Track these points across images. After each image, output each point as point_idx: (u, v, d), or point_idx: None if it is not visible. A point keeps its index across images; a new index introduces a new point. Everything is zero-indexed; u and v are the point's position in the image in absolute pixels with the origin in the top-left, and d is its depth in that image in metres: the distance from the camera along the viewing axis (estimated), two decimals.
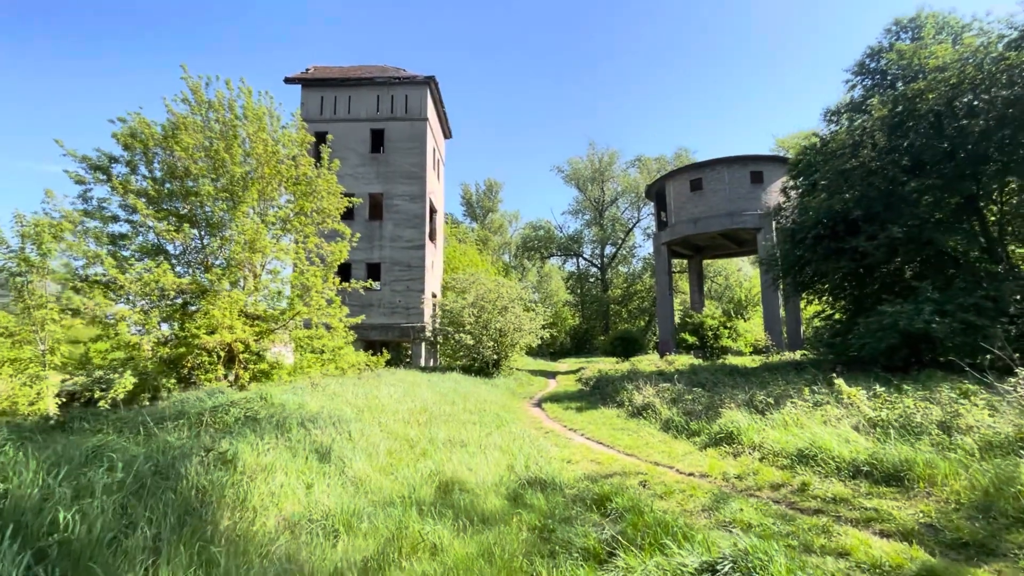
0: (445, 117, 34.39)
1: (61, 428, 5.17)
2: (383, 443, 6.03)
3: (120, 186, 14.24)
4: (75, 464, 3.49)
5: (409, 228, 28.31)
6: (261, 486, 3.81)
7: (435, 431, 7.12)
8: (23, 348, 9.57)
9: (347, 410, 7.54)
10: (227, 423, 5.40)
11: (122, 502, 3.17)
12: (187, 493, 3.45)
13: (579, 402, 13.32)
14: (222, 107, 15.61)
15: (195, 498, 3.45)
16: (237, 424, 5.36)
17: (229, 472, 3.87)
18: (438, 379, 14.88)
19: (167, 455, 3.91)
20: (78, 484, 3.18)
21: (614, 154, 60.89)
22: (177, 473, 3.60)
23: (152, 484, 3.43)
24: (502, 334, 21.11)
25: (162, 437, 4.39)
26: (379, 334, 27.70)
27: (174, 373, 13.98)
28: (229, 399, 6.43)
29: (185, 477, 3.59)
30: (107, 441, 4.08)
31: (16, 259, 9.16)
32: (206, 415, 5.53)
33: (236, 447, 4.31)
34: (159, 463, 3.73)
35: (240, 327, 14.05)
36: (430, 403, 9.71)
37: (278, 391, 7.76)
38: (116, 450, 3.84)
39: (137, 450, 3.90)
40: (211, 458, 4.00)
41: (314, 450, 5.00)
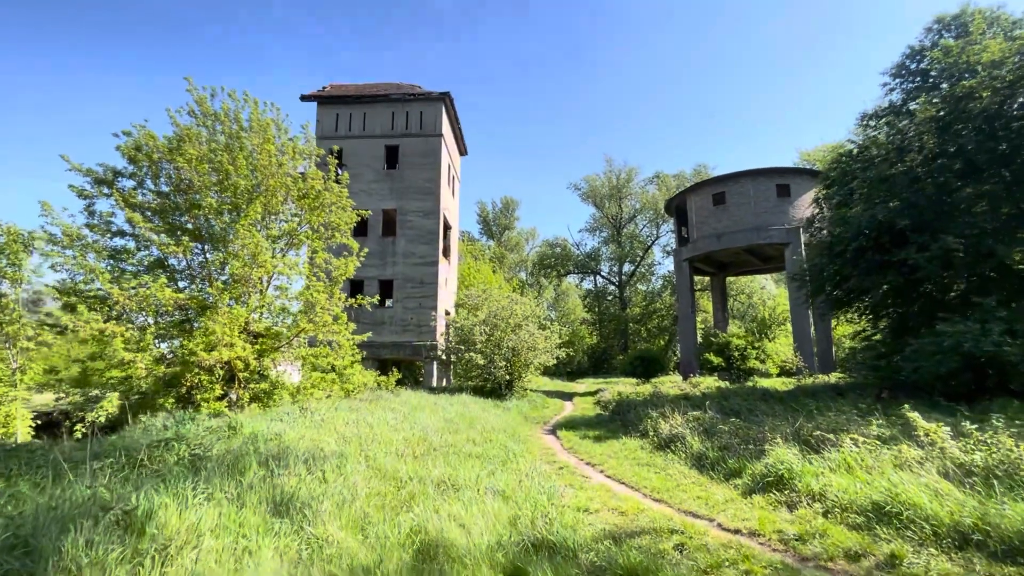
0: (460, 134, 34.06)
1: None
2: (364, 485, 5.06)
3: (121, 199, 13.87)
4: None
5: (422, 244, 27.71)
6: (176, 560, 2.89)
7: (430, 467, 6.12)
8: None
9: (331, 441, 6.60)
10: (169, 463, 4.50)
11: None
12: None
13: (597, 430, 12.16)
14: (228, 118, 15.24)
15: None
16: (180, 465, 4.46)
17: (130, 542, 2.95)
18: (446, 401, 13.89)
19: (44, 517, 3.01)
20: None
21: (632, 171, 60.09)
22: (50, 547, 2.69)
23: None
24: (515, 353, 20.06)
25: (52, 491, 3.45)
26: (391, 352, 26.91)
27: (173, 393, 13.29)
28: (175, 432, 5.54)
29: (57, 554, 2.67)
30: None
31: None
32: (143, 452, 4.64)
33: (152, 503, 3.39)
34: (18, 532, 2.82)
35: (241, 344, 13.36)
36: (431, 431, 8.72)
37: (255, 418, 6.86)
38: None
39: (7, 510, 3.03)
40: (106, 522, 3.09)
41: (271, 500, 4.07)
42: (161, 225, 14.16)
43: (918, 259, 11.54)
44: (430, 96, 29.45)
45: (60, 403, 13.12)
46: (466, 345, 20.58)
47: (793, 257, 24.77)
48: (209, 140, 14.84)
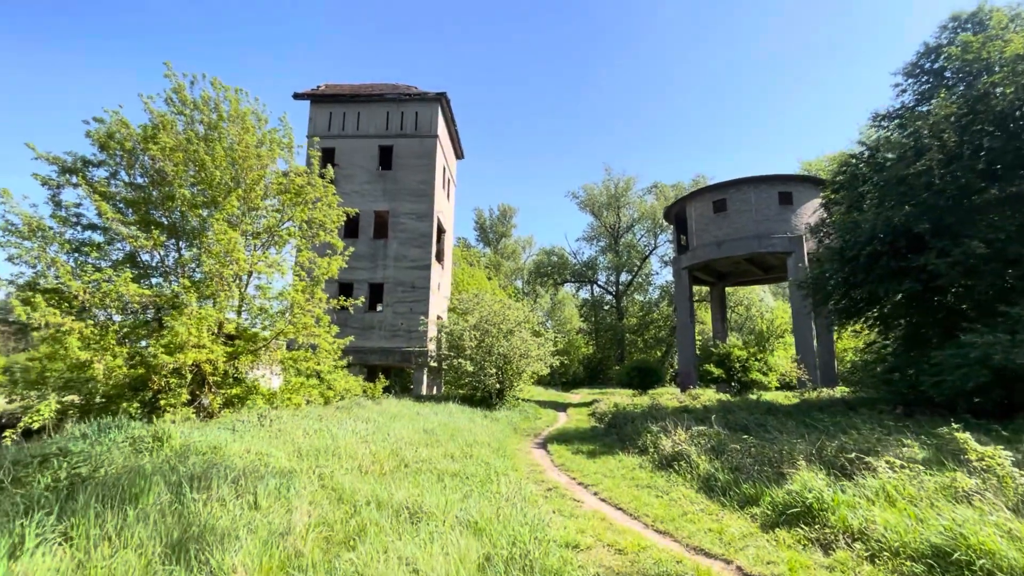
0: (457, 136, 33.34)
1: None
2: (307, 513, 4.13)
3: (89, 189, 13.02)
4: None
5: (415, 247, 26.83)
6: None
7: (394, 488, 5.19)
8: None
9: (281, 456, 5.66)
10: (39, 486, 3.57)
11: None
12: None
13: (592, 444, 11.22)
14: (207, 107, 14.41)
15: None
16: (51, 490, 3.53)
17: None
18: (430, 410, 12.93)
19: None
20: None
21: (630, 180, 59.56)
22: None
23: None
24: (506, 360, 19.12)
25: None
26: (379, 358, 25.90)
27: (138, 397, 12.31)
28: (61, 445, 4.58)
29: None
30: None
31: None
32: (5, 472, 3.71)
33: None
34: None
35: (211, 346, 12.43)
36: (405, 443, 7.78)
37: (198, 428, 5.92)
38: None
39: None
40: None
41: (169, 536, 3.15)
42: (134, 218, 13.29)
43: (939, 265, 10.74)
44: (426, 96, 28.76)
45: (12, 405, 12.15)
46: (456, 351, 19.65)
47: (799, 265, 24.03)
48: (187, 129, 14.03)
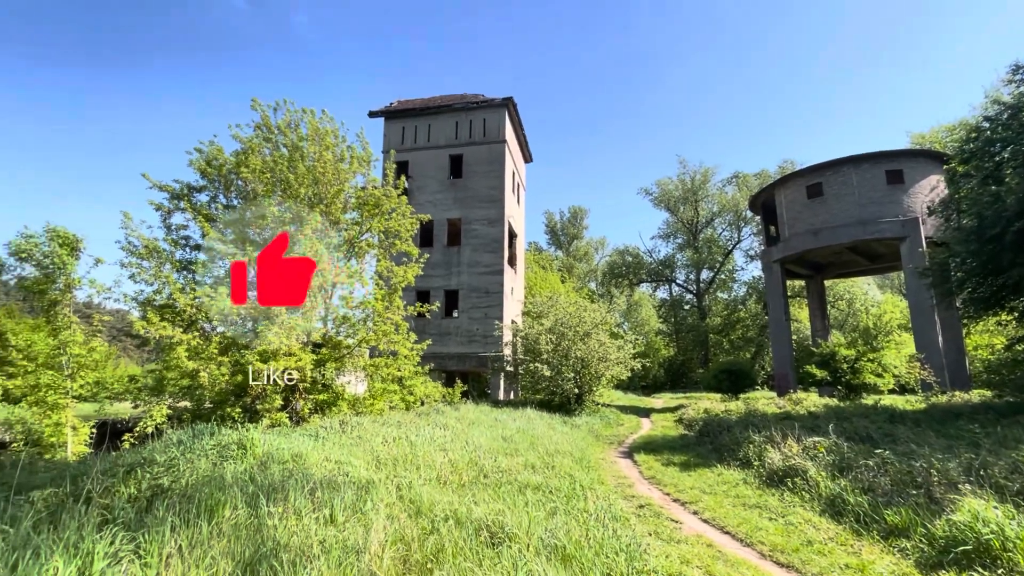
0: (525, 140, 33.23)
1: None
2: (383, 529, 3.89)
3: (193, 212, 14.20)
4: None
5: (487, 253, 26.95)
6: None
7: (472, 503, 4.85)
8: (44, 373, 8.90)
9: (359, 465, 5.54)
10: (122, 497, 3.61)
11: None
12: None
13: (683, 454, 10.29)
14: (289, 130, 15.27)
15: None
16: (138, 501, 3.55)
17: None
18: (508, 416, 12.62)
19: None
20: None
21: (708, 172, 56.24)
22: None
23: None
24: (584, 364, 18.43)
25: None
26: (456, 364, 26.24)
27: (240, 403, 13.12)
28: (147, 454, 4.69)
29: None
30: None
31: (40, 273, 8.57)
32: (91, 482, 3.78)
33: (29, 572, 2.42)
34: None
35: (300, 354, 13.01)
36: (484, 451, 7.47)
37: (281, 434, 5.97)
38: None
39: None
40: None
41: (241, 554, 3.01)
42: (232, 237, 14.32)
43: None
44: (492, 103, 28.90)
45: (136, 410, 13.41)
46: (532, 356, 19.27)
47: (919, 250, 21.12)
48: (273, 151, 14.94)
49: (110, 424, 11.15)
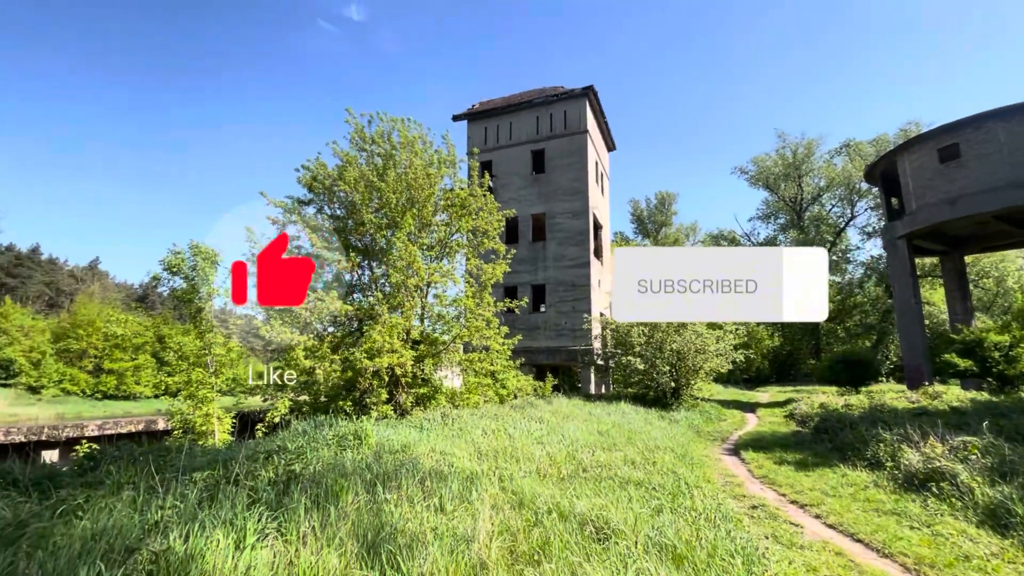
0: (607, 128, 32.45)
1: (85, 470, 4.41)
2: (489, 520, 4.01)
3: (303, 223, 15.56)
4: None
5: (572, 246, 26.74)
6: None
7: (574, 497, 4.84)
8: (195, 371, 10.31)
9: (463, 456, 5.76)
10: (263, 480, 4.05)
11: None
12: None
13: (798, 452, 9.47)
14: (381, 140, 16.18)
15: None
16: (275, 484, 3.97)
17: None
18: (601, 411, 12.45)
19: (80, 549, 2.54)
20: None
21: (812, 143, 51.03)
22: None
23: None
24: (680, 357, 17.63)
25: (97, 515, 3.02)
26: (546, 358, 26.38)
27: (350, 397, 14.22)
28: (281, 442, 5.20)
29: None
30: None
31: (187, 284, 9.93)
32: (238, 466, 4.27)
33: (197, 542, 2.79)
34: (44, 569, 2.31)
35: (401, 350, 13.81)
36: (581, 445, 7.43)
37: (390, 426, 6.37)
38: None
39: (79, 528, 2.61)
40: (131, 566, 2.53)
41: (365, 537, 3.26)
42: (336, 244, 15.55)
43: None
44: (572, 93, 28.50)
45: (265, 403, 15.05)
46: (623, 349, 18.84)
47: None
48: (367, 161, 15.94)
49: (247, 415, 12.65)
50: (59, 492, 3.54)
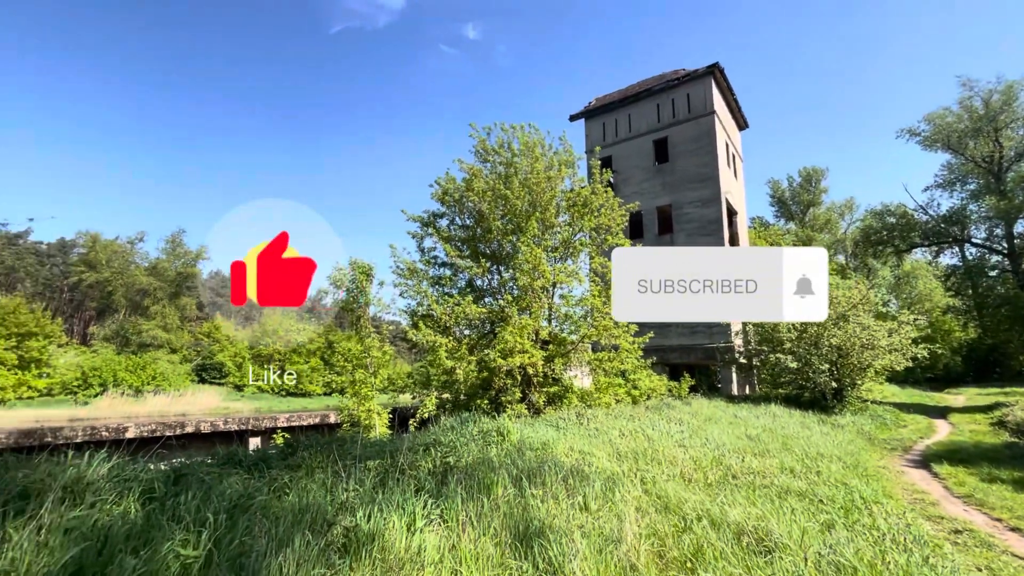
0: (737, 106, 29.87)
1: (285, 456, 5.19)
2: (635, 522, 3.94)
3: (437, 235, 16.84)
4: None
5: (703, 237, 25.07)
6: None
7: (725, 504, 4.54)
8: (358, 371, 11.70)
9: (602, 456, 5.73)
10: (423, 470, 4.42)
11: None
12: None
13: (1015, 468, 7.73)
14: (501, 149, 16.86)
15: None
16: (434, 475, 4.31)
17: (343, 568, 2.66)
18: (748, 413, 11.47)
19: (290, 519, 3.00)
20: None
21: (1011, 87, 40.98)
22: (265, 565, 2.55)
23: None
24: (842, 353, 15.48)
25: (303, 495, 3.53)
26: (680, 356, 25.08)
27: (486, 396, 15.01)
28: (435, 437, 5.59)
29: (267, 571, 2.51)
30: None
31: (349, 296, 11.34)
32: (402, 456, 4.71)
33: (377, 522, 3.13)
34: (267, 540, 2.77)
35: (531, 351, 14.21)
36: (728, 450, 6.92)
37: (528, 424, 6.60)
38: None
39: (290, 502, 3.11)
40: (329, 538, 2.91)
41: (515, 528, 3.42)
42: (467, 252, 16.57)
43: None
44: (695, 74, 26.77)
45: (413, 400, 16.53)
46: (770, 345, 17.13)
47: None
48: (491, 171, 16.72)
49: (399, 411, 14.07)
50: (271, 472, 4.36)
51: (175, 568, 2.46)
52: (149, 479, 3.45)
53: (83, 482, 3.01)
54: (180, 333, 47.94)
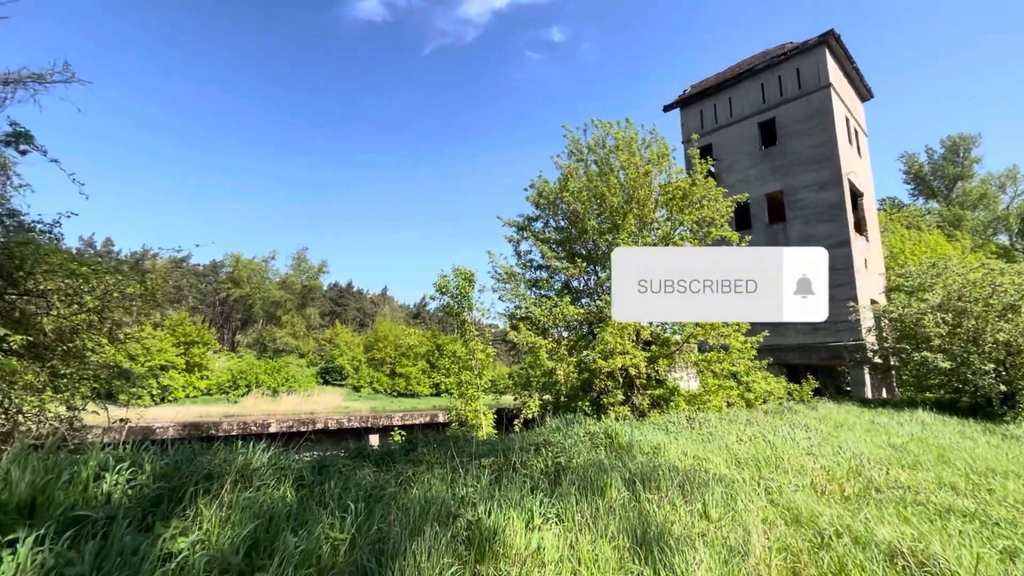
0: (859, 76, 26.65)
1: (405, 452, 5.51)
2: (762, 533, 3.67)
3: (533, 238, 17.05)
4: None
5: (822, 223, 22.70)
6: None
7: (868, 520, 4.05)
8: (464, 373, 12.19)
9: (719, 462, 5.39)
10: (535, 470, 4.44)
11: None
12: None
13: None
14: (595, 147, 16.65)
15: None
16: (547, 474, 4.32)
17: (468, 561, 2.75)
18: (889, 419, 10.13)
19: (414, 512, 3.17)
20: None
21: None
22: (397, 550, 2.71)
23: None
24: (1012, 351, 13.09)
25: (418, 489, 3.71)
26: (799, 356, 22.88)
27: (587, 397, 14.90)
28: (545, 437, 5.58)
29: (403, 557, 2.64)
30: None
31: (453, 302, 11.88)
32: (514, 455, 4.77)
33: (497, 518, 3.20)
34: (383, 531, 2.96)
35: (633, 351, 13.85)
36: (867, 460, 6.15)
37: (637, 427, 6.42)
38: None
39: (415, 496, 3.31)
40: (454, 530, 3.02)
41: (632, 531, 3.32)
42: (563, 254, 16.57)
43: None
44: (805, 46, 24.37)
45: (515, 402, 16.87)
46: (912, 342, 15.00)
47: None
48: (586, 170, 16.56)
49: (502, 411, 14.44)
50: (395, 466, 4.72)
51: (326, 548, 2.77)
52: (298, 468, 3.93)
53: (250, 468, 3.52)
54: (306, 340, 53.69)
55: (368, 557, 2.74)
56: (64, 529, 2.50)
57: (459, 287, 11.75)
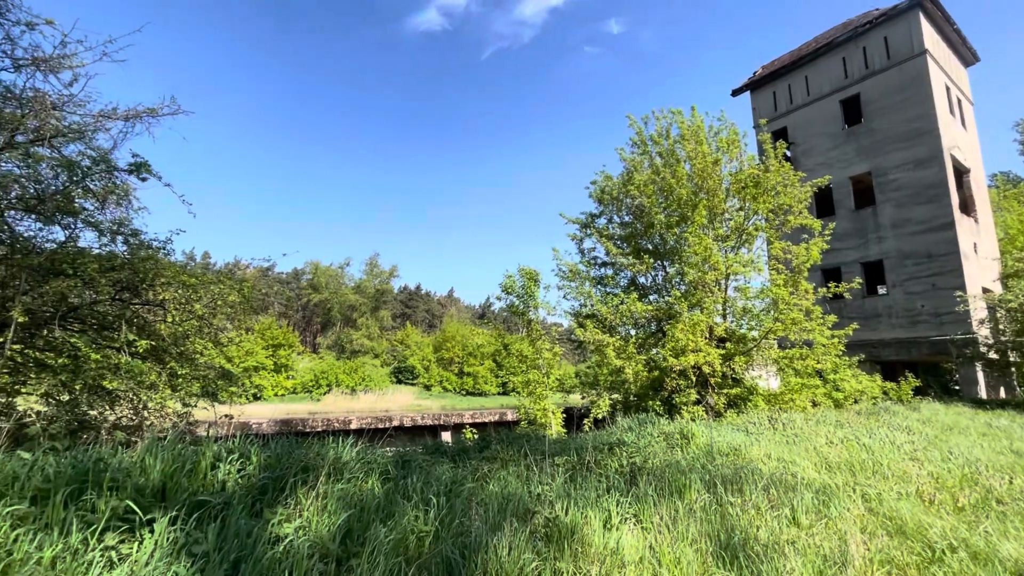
0: (960, 38, 23.88)
1: (479, 450, 5.59)
2: (862, 543, 3.40)
3: (597, 234, 16.80)
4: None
5: (919, 205, 20.59)
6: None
7: (989, 534, 3.64)
8: (531, 372, 12.25)
9: (807, 466, 5.06)
10: (610, 469, 4.36)
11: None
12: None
13: None
14: (659, 138, 16.12)
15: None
16: (623, 474, 4.23)
17: (548, 558, 2.75)
18: (1010, 423, 9.01)
19: (494, 508, 3.22)
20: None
21: None
22: (480, 544, 2.76)
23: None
24: None
25: (495, 487, 3.76)
26: (895, 352, 20.92)
27: (658, 396, 14.51)
28: (618, 437, 5.44)
29: (485, 551, 2.70)
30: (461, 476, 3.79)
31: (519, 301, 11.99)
32: (587, 455, 4.71)
33: (574, 516, 3.17)
34: (472, 530, 3.02)
35: (706, 349, 13.30)
36: (984, 467, 5.52)
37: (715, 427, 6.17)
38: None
39: (494, 491, 3.39)
40: (532, 526, 3.03)
41: (715, 536, 3.19)
42: (628, 250, 16.20)
43: None
44: (895, 11, 22.16)
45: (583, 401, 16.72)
46: None
47: None
48: (651, 163, 16.06)
49: (571, 410, 14.38)
50: (471, 462, 4.87)
51: (412, 539, 2.93)
52: (382, 463, 4.16)
53: (340, 462, 3.79)
54: (380, 341, 56.44)
55: (452, 550, 2.86)
56: (189, 512, 2.83)
57: (525, 287, 11.84)
